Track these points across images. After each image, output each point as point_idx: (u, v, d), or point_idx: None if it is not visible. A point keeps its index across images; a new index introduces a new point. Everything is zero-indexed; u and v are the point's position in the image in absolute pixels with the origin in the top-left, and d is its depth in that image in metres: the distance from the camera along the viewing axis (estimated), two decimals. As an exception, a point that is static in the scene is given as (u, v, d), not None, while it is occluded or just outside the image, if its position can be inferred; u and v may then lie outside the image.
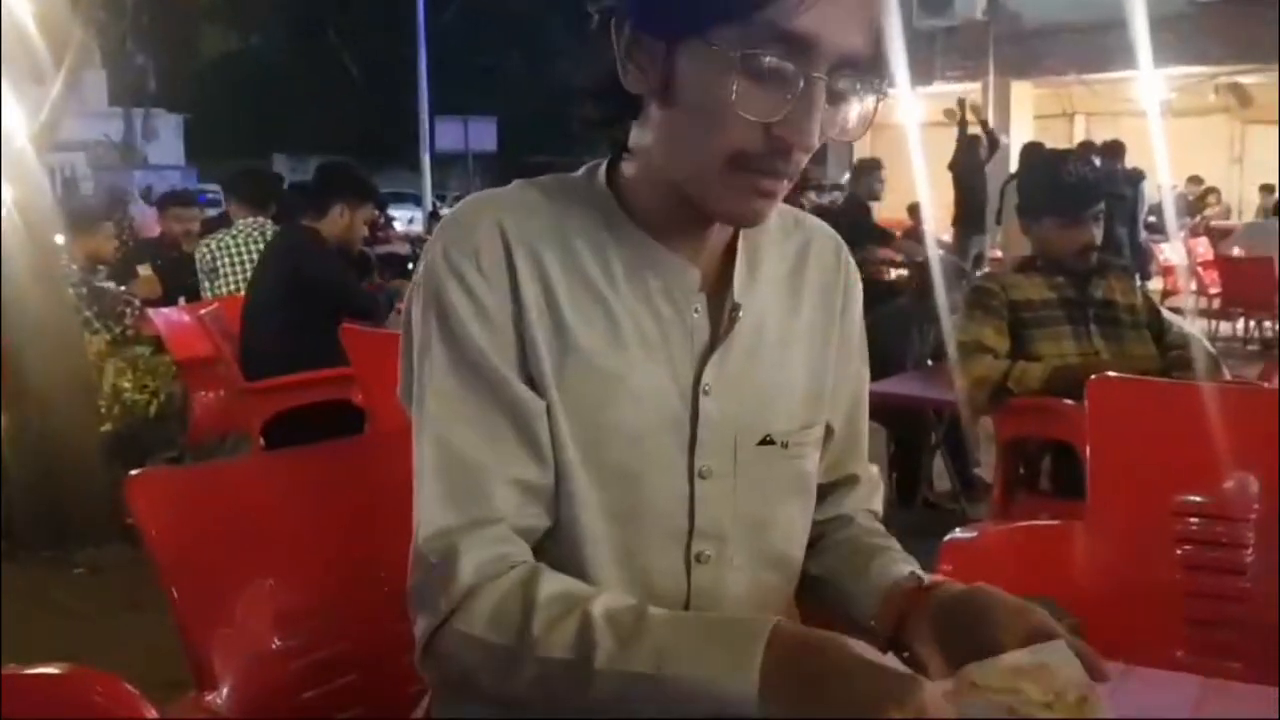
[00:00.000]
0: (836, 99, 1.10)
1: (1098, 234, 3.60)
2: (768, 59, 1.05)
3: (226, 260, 5.99)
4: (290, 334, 4.60)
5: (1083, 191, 3.57)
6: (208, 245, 6.12)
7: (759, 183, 1.11)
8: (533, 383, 1.16)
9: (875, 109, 1.13)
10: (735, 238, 1.25)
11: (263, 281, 4.96)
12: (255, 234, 6.00)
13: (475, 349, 1.14)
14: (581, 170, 1.27)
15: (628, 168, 1.22)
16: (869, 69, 1.10)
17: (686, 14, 1.08)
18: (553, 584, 1.10)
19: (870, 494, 1.43)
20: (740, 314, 1.22)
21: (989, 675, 0.98)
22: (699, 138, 1.10)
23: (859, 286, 1.38)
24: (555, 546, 1.17)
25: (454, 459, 1.14)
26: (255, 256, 5.85)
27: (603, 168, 1.24)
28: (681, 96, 1.10)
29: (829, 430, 1.35)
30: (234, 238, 6.04)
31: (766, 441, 1.24)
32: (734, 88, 1.05)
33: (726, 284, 1.23)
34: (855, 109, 1.13)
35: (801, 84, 1.05)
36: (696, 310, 1.21)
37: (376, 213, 5.30)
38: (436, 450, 1.15)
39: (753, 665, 0.97)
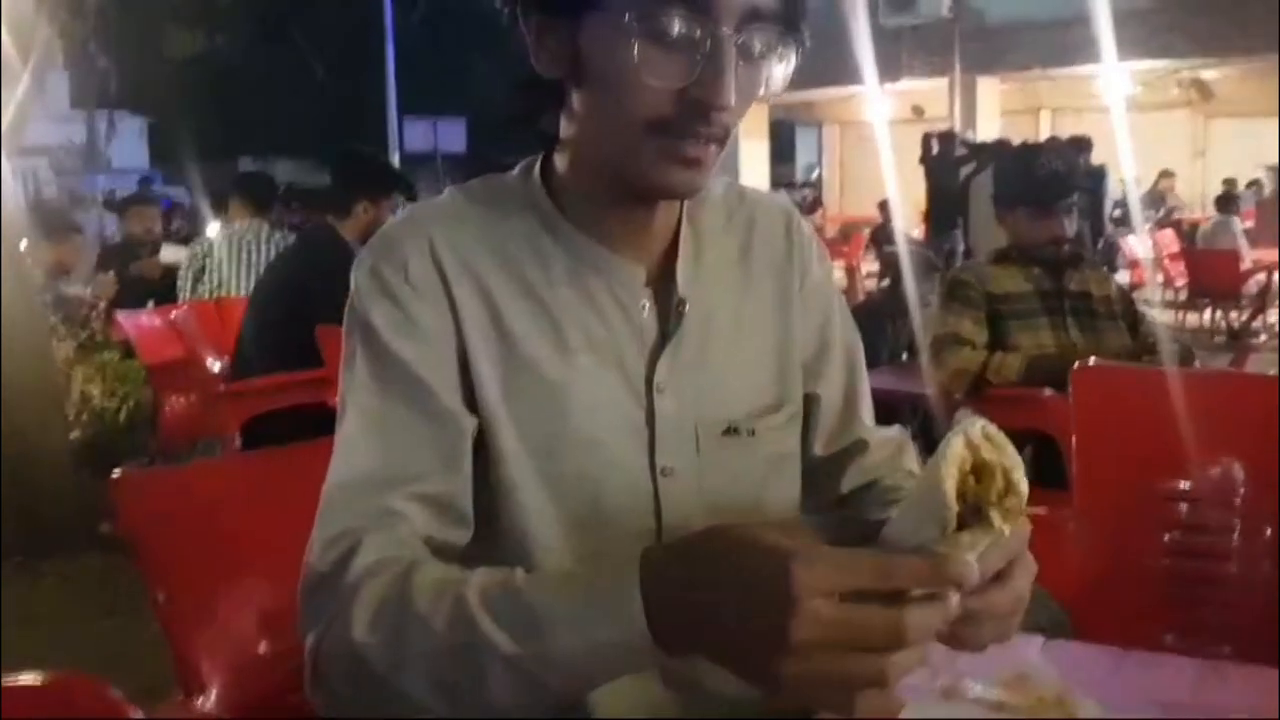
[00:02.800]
0: (751, 55, 1.06)
1: (1069, 226, 3.64)
2: (667, 21, 1.02)
3: (218, 258, 5.78)
4: (282, 336, 4.36)
5: (1054, 183, 3.62)
6: (201, 244, 5.96)
7: (682, 149, 1.06)
8: (474, 399, 1.13)
9: (795, 62, 1.09)
10: (678, 227, 1.22)
11: (267, 282, 4.76)
12: (250, 236, 5.80)
13: (399, 361, 1.11)
14: (516, 168, 1.23)
15: (560, 161, 1.19)
16: (782, 21, 1.06)
17: None
18: (429, 572, 1.01)
19: (897, 453, 1.35)
20: (687, 308, 1.19)
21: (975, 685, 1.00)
22: (614, 111, 1.07)
23: (814, 251, 1.33)
24: (507, 562, 1.06)
25: (364, 472, 1.09)
26: (249, 257, 5.71)
27: (537, 165, 1.21)
28: (592, 74, 1.08)
29: (819, 401, 1.30)
30: (228, 238, 5.85)
31: (730, 431, 1.21)
32: (636, 55, 1.02)
33: (672, 276, 1.20)
34: (774, 64, 1.08)
35: (709, 44, 1.02)
36: (644, 307, 1.18)
37: (405, 199, 4.87)
38: (348, 462, 1.10)
39: (636, 614, 0.87)
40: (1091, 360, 2.61)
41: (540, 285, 1.15)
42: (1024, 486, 0.85)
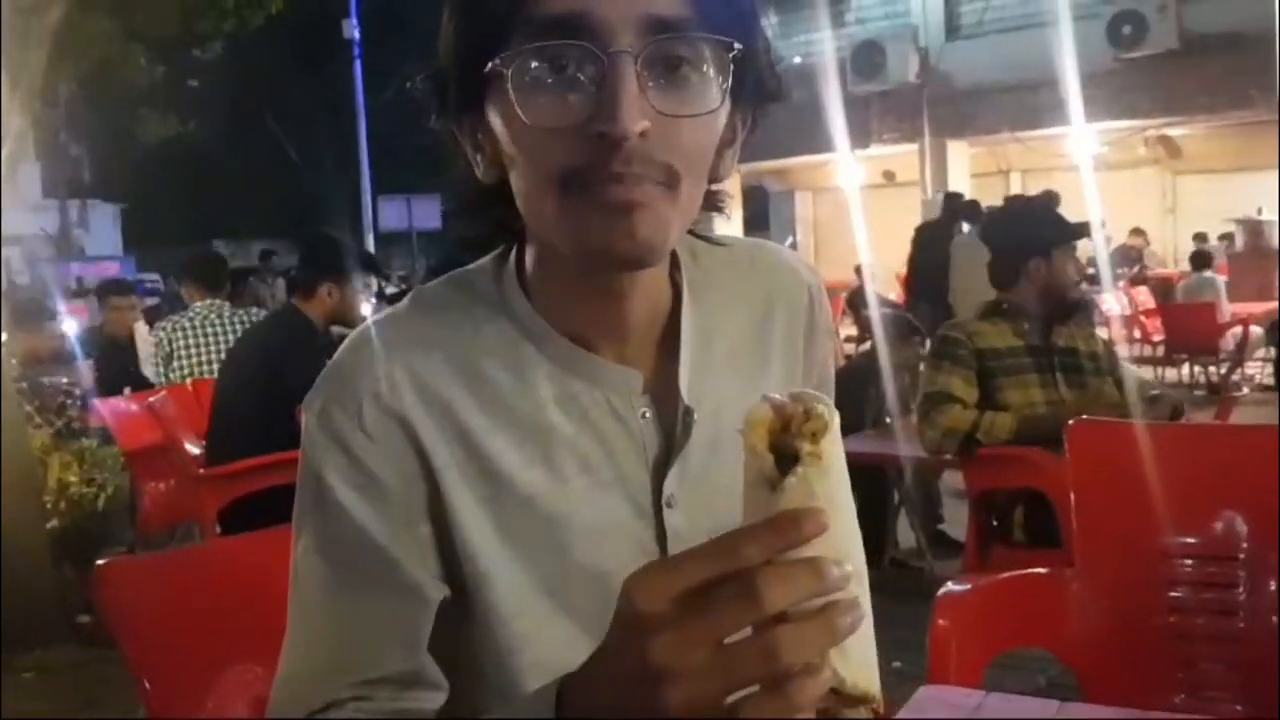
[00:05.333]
0: (669, 72, 0.92)
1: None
2: (543, 56, 0.90)
3: (183, 343, 5.84)
4: (258, 418, 4.31)
5: (1065, 222, 3.71)
6: (164, 328, 5.98)
7: (604, 197, 0.91)
8: (451, 556, 1.01)
9: (730, 67, 0.93)
10: (676, 308, 1.08)
11: (233, 364, 4.78)
12: (213, 316, 5.90)
13: (355, 527, 0.99)
14: (488, 259, 1.09)
15: (529, 254, 1.06)
16: (702, 27, 0.92)
17: (468, 64, 0.94)
18: None
19: None
20: (695, 417, 1.05)
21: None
22: (529, 180, 0.95)
23: (828, 315, 1.22)
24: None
25: (314, 661, 1.00)
26: (213, 338, 5.79)
27: (511, 258, 1.07)
28: (509, 153, 0.96)
29: None
30: (191, 320, 5.91)
31: None
32: (519, 104, 0.91)
33: (674, 375, 1.06)
34: (704, 79, 0.93)
35: (602, 66, 0.89)
36: (644, 415, 1.05)
37: (373, 279, 4.86)
38: (298, 650, 1.01)
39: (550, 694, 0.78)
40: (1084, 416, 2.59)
41: (523, 408, 1.02)
42: (821, 408, 0.77)
